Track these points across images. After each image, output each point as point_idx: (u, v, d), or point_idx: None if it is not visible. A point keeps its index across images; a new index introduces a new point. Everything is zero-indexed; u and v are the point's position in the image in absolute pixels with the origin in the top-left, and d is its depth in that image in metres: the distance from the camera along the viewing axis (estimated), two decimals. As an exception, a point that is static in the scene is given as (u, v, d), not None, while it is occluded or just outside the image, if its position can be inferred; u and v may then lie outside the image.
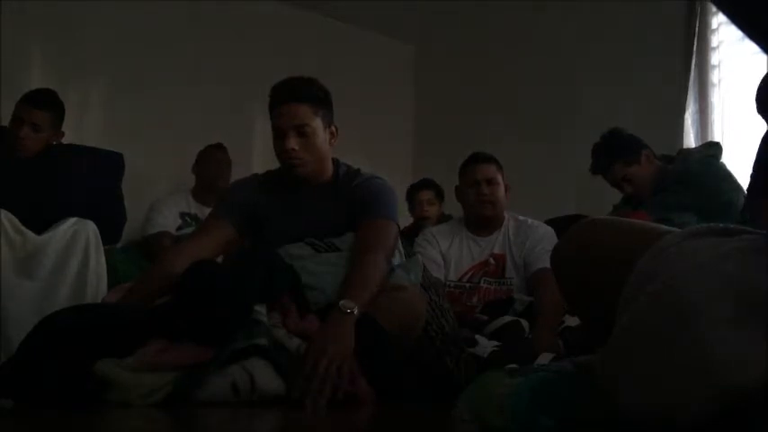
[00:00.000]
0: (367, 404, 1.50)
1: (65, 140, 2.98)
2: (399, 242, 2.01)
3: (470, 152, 2.91)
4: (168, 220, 3.64)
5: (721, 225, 0.85)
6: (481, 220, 2.81)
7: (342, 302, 1.61)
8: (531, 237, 2.73)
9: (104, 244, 2.74)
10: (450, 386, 1.74)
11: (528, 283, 2.68)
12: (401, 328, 1.67)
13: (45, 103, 2.84)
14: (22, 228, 2.56)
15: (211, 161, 3.80)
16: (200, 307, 1.53)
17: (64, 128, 2.95)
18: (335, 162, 2.09)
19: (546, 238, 2.70)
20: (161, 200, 3.73)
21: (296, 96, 1.95)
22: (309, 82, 2.01)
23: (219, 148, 3.85)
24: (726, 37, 3.66)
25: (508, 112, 4.59)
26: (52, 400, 1.37)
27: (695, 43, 3.70)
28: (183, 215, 3.70)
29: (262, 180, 2.12)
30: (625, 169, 2.81)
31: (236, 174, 3.71)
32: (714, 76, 3.69)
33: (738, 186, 2.70)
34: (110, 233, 2.87)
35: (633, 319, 0.78)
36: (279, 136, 1.97)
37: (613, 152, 2.82)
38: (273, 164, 2.10)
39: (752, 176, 1.11)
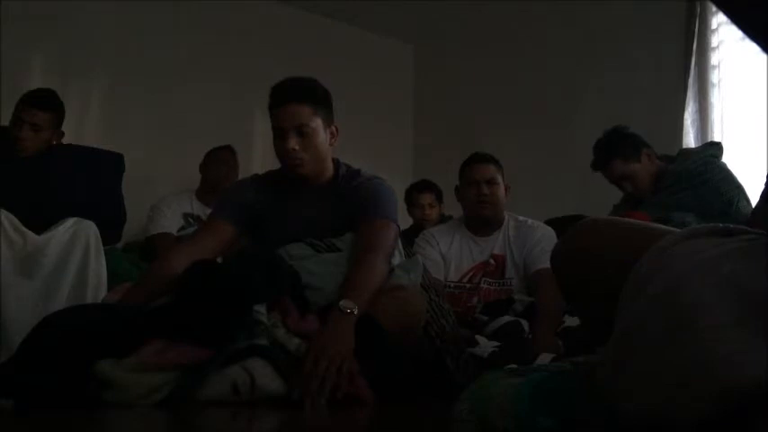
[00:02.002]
0: (367, 404, 1.50)
1: (65, 140, 2.99)
2: (399, 242, 2.01)
3: (470, 152, 2.91)
4: (170, 221, 3.63)
5: (721, 225, 0.85)
6: (481, 221, 2.81)
7: (342, 303, 1.62)
8: (530, 237, 2.73)
9: (104, 244, 2.74)
10: (450, 386, 1.74)
11: (528, 283, 2.68)
12: (401, 328, 1.68)
13: (45, 103, 2.84)
14: (22, 228, 2.56)
15: (218, 163, 3.78)
16: (201, 307, 1.53)
17: (64, 128, 2.95)
18: (336, 162, 2.09)
19: (545, 238, 2.70)
20: (164, 200, 3.71)
21: (296, 96, 1.95)
22: (309, 82, 2.01)
23: (227, 149, 3.84)
24: (726, 37, 3.66)
25: (508, 113, 4.60)
26: (52, 400, 1.37)
27: (695, 43, 3.70)
28: (185, 216, 3.69)
29: (262, 180, 2.12)
30: (624, 166, 2.81)
31: (239, 175, 3.71)
32: (714, 76, 3.69)
33: (739, 186, 2.70)
34: (110, 233, 2.87)
35: (633, 319, 0.78)
36: (279, 136, 1.97)
37: (613, 148, 2.82)
38: (274, 164, 2.10)
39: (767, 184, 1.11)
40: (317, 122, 1.96)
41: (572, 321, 2.33)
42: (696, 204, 2.62)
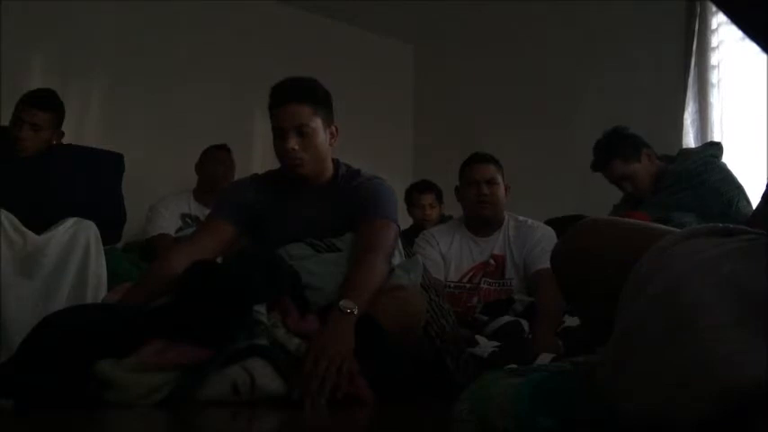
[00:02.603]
0: (367, 404, 1.50)
1: (65, 140, 2.99)
2: (399, 242, 2.01)
3: (470, 152, 2.91)
4: (168, 222, 3.63)
5: (721, 225, 0.85)
6: (481, 221, 2.81)
7: (342, 303, 1.62)
8: (530, 237, 2.73)
9: (104, 244, 2.74)
10: (450, 386, 1.74)
11: (528, 283, 2.68)
12: (401, 328, 1.68)
13: (45, 103, 2.84)
14: (22, 228, 2.57)
15: (214, 162, 3.77)
16: (201, 307, 1.53)
17: (64, 128, 2.96)
18: (335, 162, 2.09)
19: (545, 238, 2.70)
20: (162, 201, 3.71)
21: (296, 96, 1.95)
22: (309, 82, 2.01)
23: (223, 148, 3.83)
24: (726, 37, 3.66)
25: (508, 112, 4.60)
26: (52, 400, 1.37)
27: (695, 43, 3.71)
28: (183, 216, 3.69)
29: (262, 180, 2.12)
30: (624, 167, 2.81)
31: (236, 174, 3.71)
32: (714, 77, 3.69)
33: (738, 186, 2.70)
34: (110, 233, 2.87)
35: (633, 319, 0.78)
36: (279, 136, 1.97)
37: (613, 149, 2.83)
38: (274, 164, 2.10)
39: None
40: (317, 122, 1.96)
41: (572, 321, 2.33)
42: (696, 204, 2.62)
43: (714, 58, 3.71)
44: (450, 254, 2.81)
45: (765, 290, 0.69)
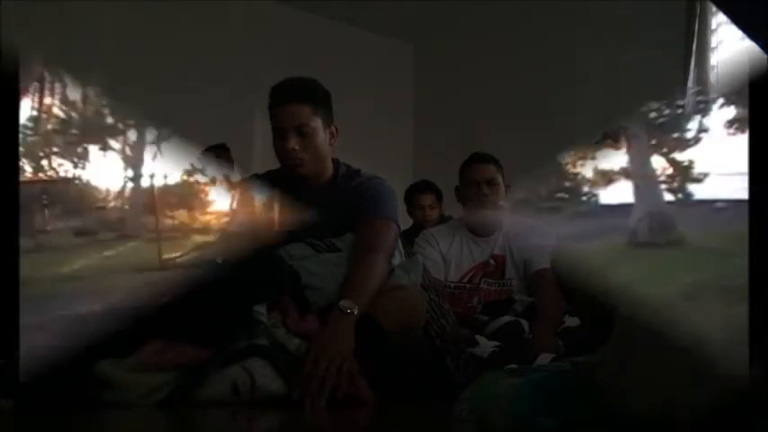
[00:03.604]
0: (367, 404, 1.50)
1: (65, 140, 2.99)
2: (399, 242, 2.01)
3: (470, 152, 2.91)
4: (168, 222, 3.63)
5: (721, 225, 0.85)
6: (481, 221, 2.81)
7: (342, 303, 1.62)
8: (530, 237, 2.73)
9: (104, 244, 2.74)
10: (450, 386, 1.74)
11: (528, 283, 2.68)
12: (401, 328, 1.68)
13: (45, 103, 2.84)
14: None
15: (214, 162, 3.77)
16: (201, 307, 1.53)
17: (64, 128, 2.96)
18: (335, 162, 2.09)
19: (545, 238, 2.69)
20: (161, 201, 3.70)
21: (296, 96, 1.95)
22: (309, 82, 2.01)
23: (222, 148, 3.83)
24: (726, 37, 3.67)
25: (508, 112, 4.60)
26: (52, 400, 1.37)
27: (695, 43, 3.71)
28: (183, 216, 3.68)
29: (261, 180, 2.11)
30: (625, 169, 2.81)
31: (236, 174, 3.71)
32: (713, 76, 3.69)
33: (738, 186, 2.71)
34: (110, 233, 2.87)
35: (633, 319, 0.78)
36: (279, 136, 1.96)
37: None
38: (274, 164, 2.09)
39: None
40: (317, 122, 1.96)
41: (572, 321, 2.33)
42: (696, 204, 2.62)
43: (714, 58, 3.71)
44: (451, 254, 2.81)
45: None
